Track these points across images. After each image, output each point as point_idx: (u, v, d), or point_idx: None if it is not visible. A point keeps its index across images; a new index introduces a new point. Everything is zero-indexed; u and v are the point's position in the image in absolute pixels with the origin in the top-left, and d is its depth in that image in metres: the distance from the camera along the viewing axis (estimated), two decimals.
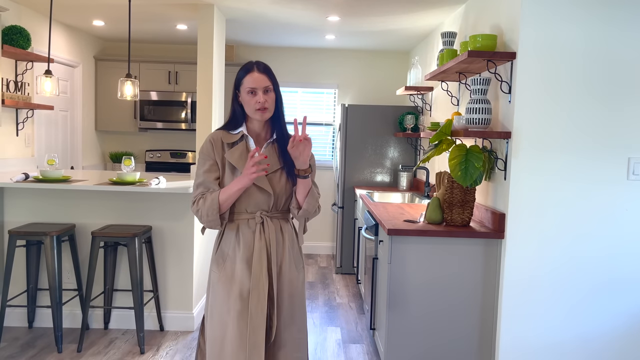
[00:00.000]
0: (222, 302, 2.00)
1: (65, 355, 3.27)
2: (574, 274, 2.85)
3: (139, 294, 3.34)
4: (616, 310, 2.87)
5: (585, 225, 2.84)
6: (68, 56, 5.29)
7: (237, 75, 2.05)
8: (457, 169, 2.85)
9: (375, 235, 3.44)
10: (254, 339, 1.93)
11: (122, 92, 4.15)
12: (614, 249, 2.85)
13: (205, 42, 4.38)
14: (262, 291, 1.95)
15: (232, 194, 1.95)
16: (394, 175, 5.47)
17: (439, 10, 4.20)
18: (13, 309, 3.68)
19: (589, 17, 2.76)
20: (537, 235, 2.84)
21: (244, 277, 1.97)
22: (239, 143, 2.04)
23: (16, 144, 4.47)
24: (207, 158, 2.03)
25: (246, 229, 2.01)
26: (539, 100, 2.80)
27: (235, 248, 2.01)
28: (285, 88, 6.27)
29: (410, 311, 2.95)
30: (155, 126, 5.93)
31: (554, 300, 2.87)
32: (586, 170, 2.82)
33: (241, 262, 1.99)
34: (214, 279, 2.04)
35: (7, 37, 4.01)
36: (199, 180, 2.02)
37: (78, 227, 3.67)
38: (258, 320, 1.94)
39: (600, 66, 2.78)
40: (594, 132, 2.81)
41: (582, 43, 2.77)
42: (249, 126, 2.08)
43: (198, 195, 2.00)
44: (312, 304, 4.48)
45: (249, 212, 2.02)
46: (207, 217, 1.96)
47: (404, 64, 6.21)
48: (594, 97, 2.80)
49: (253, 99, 1.99)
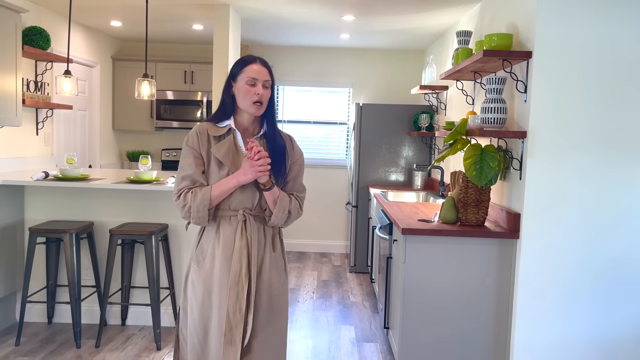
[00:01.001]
0: (201, 299, 1.96)
1: (84, 351, 3.33)
2: (589, 275, 2.83)
3: (155, 291, 3.39)
4: (631, 312, 2.84)
5: (601, 226, 2.81)
6: (86, 56, 5.37)
7: (235, 66, 1.98)
8: (472, 169, 2.84)
9: (389, 235, 3.44)
10: (230, 337, 1.91)
11: (139, 92, 4.20)
12: (630, 250, 2.82)
13: (220, 42, 4.41)
14: (241, 289, 1.91)
15: (227, 190, 1.90)
16: (409, 175, 5.47)
17: (454, 9, 4.19)
18: (33, 305, 3.76)
19: (606, 16, 2.73)
20: (553, 236, 2.83)
21: (223, 275, 1.93)
22: (225, 137, 1.97)
23: (36, 143, 4.55)
24: (192, 150, 1.95)
25: (227, 227, 1.95)
26: (555, 100, 2.78)
27: (215, 245, 1.96)
28: (300, 87, 6.29)
29: (424, 311, 2.95)
30: (171, 125, 6.00)
31: (569, 301, 2.85)
32: (603, 170, 2.80)
33: (221, 260, 1.94)
34: (194, 276, 1.99)
35: (27, 38, 4.09)
36: (184, 172, 1.94)
37: (96, 224, 3.73)
38: (236, 318, 1.91)
39: (617, 66, 2.75)
40: (611, 132, 2.78)
41: (599, 42, 2.75)
42: (238, 119, 2.01)
43: (184, 189, 1.93)
44: (326, 302, 4.50)
45: (232, 209, 1.95)
46: (197, 213, 1.89)
47: (418, 63, 6.20)
48: (611, 97, 2.77)
49: (252, 89, 1.93)
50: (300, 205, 2.03)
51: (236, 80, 1.97)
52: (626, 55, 2.75)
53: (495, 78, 2.90)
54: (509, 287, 2.93)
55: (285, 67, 6.25)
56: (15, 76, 3.73)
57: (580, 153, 2.79)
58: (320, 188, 6.31)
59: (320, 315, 4.16)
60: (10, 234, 3.62)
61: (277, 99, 6.30)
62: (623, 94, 2.77)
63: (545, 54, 2.76)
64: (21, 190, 3.71)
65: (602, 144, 2.79)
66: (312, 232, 6.38)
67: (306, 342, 3.62)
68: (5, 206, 3.55)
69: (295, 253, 6.29)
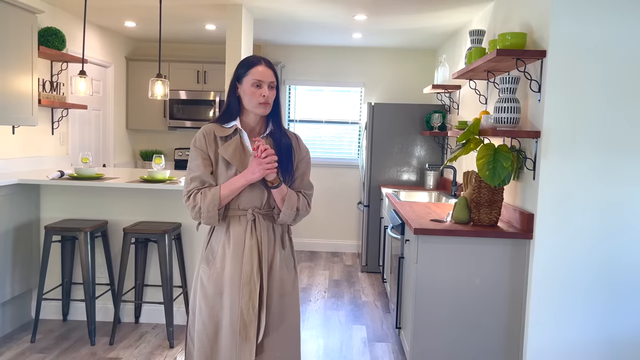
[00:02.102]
0: (212, 299, 1.97)
1: (98, 348, 3.37)
2: (604, 276, 2.80)
3: (168, 290, 3.41)
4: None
5: (616, 226, 2.78)
6: (101, 57, 5.42)
7: (240, 67, 1.99)
8: (485, 169, 2.83)
9: (401, 234, 3.44)
10: (245, 334, 1.92)
11: (152, 92, 4.23)
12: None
13: (233, 42, 4.43)
14: (254, 288, 1.92)
15: (235, 189, 1.91)
16: (421, 174, 5.45)
17: (467, 8, 4.17)
18: (48, 302, 3.81)
19: (623, 14, 2.70)
20: (567, 236, 2.80)
21: (234, 274, 1.94)
22: (232, 137, 1.98)
23: (52, 143, 4.61)
24: (199, 152, 1.97)
25: (237, 226, 1.96)
26: (570, 99, 2.75)
27: (225, 245, 1.97)
28: (312, 87, 6.30)
29: (436, 311, 2.94)
30: (184, 125, 6.04)
31: (583, 303, 2.82)
32: (618, 170, 2.77)
33: (231, 260, 1.95)
34: (203, 277, 2.01)
35: (43, 39, 4.14)
36: (193, 174, 1.96)
37: (110, 223, 3.77)
38: (249, 315, 1.92)
39: (632, 65, 2.72)
40: (626, 132, 2.75)
41: (614, 41, 2.72)
42: (244, 120, 2.02)
43: (193, 190, 1.94)
44: (338, 302, 4.50)
45: (241, 208, 1.96)
46: (207, 213, 1.91)
47: (431, 62, 6.17)
48: (626, 96, 2.74)
49: (257, 91, 1.94)
50: (308, 203, 2.04)
51: (241, 82, 1.98)
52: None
53: (509, 77, 2.88)
54: (522, 287, 2.91)
55: (298, 67, 6.26)
56: (31, 76, 3.78)
57: (595, 153, 2.76)
58: (332, 187, 6.31)
59: (331, 315, 4.17)
60: (27, 233, 3.67)
61: (289, 98, 6.31)
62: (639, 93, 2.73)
63: (560, 52, 2.74)
64: (37, 189, 3.77)
65: (618, 144, 2.76)
66: (324, 231, 6.38)
67: (318, 342, 3.62)
68: (22, 205, 3.61)
69: (307, 252, 6.30)
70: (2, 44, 3.44)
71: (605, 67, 2.73)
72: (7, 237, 3.46)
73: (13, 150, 4.08)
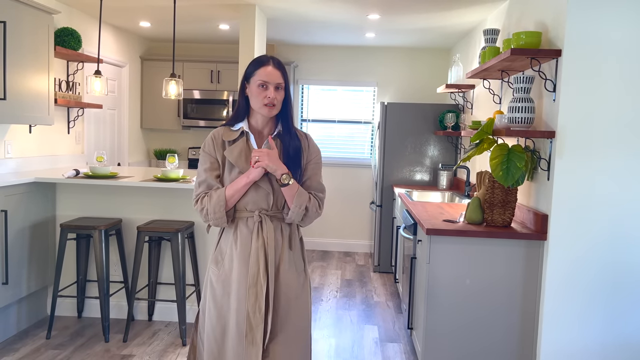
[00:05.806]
0: (220, 300, 1.98)
1: (112, 345, 3.40)
2: (618, 278, 2.76)
3: (181, 288, 3.44)
4: None
5: (632, 227, 2.74)
6: (116, 56, 5.48)
7: (249, 67, 1.99)
8: (499, 169, 2.80)
9: (413, 235, 3.42)
10: (251, 337, 1.92)
11: (166, 91, 4.27)
12: None
13: (246, 42, 4.45)
14: (260, 290, 1.92)
15: (239, 189, 1.93)
16: (434, 174, 5.42)
17: (481, 7, 4.14)
18: (64, 299, 3.86)
19: (637, 13, 2.66)
20: (581, 237, 2.77)
21: (241, 276, 1.95)
22: (239, 140, 2.00)
23: (67, 141, 4.67)
24: (208, 156, 2.01)
25: (244, 228, 1.97)
26: (586, 99, 2.72)
27: (232, 247, 1.99)
28: (325, 86, 6.29)
29: (448, 312, 2.92)
30: (197, 124, 6.07)
31: (598, 304, 2.78)
32: (634, 171, 2.73)
33: (239, 261, 1.96)
34: (212, 277, 2.02)
35: (59, 39, 4.19)
36: (201, 178, 2.00)
37: (124, 221, 3.81)
38: (256, 318, 1.92)
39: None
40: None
41: (630, 40, 2.68)
42: (252, 121, 2.03)
43: (201, 194, 1.98)
44: (350, 302, 4.50)
45: (249, 210, 1.97)
46: (213, 215, 1.93)
47: (444, 62, 6.13)
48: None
49: (263, 92, 1.94)
50: (319, 205, 2.02)
51: (249, 82, 1.99)
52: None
53: (523, 77, 2.85)
54: (536, 289, 2.88)
55: (311, 66, 6.26)
56: (47, 76, 3.83)
57: (611, 154, 2.73)
58: (345, 187, 6.30)
59: (343, 315, 4.17)
60: (43, 230, 3.72)
61: (302, 98, 6.32)
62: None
63: (576, 52, 2.71)
64: (53, 188, 3.81)
65: (634, 144, 2.72)
66: (336, 231, 6.38)
67: (329, 341, 3.63)
68: (38, 203, 3.66)
69: (319, 252, 6.30)
70: (19, 44, 3.49)
71: (622, 66, 2.69)
72: (23, 235, 3.51)
73: (29, 149, 4.14)
